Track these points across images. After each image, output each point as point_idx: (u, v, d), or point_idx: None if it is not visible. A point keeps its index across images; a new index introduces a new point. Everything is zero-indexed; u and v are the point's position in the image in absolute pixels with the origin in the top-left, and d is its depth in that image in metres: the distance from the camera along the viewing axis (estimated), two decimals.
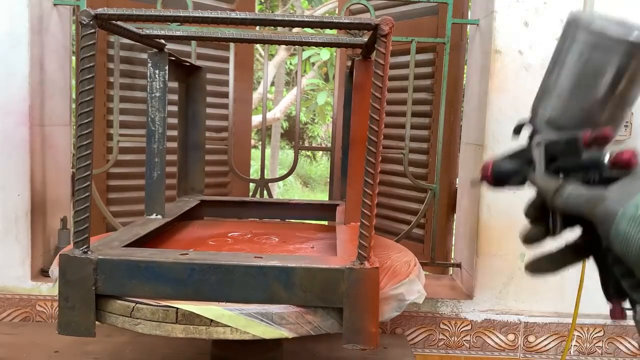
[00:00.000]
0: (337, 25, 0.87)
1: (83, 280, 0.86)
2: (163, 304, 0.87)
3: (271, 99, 8.58)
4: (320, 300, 0.87)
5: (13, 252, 1.52)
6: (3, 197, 1.50)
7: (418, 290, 1.01)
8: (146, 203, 1.22)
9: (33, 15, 1.50)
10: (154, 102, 1.17)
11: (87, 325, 0.87)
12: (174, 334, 0.86)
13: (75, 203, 0.85)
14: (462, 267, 1.69)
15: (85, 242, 0.87)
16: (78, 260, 0.86)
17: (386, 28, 0.82)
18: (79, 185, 0.85)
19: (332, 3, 7.41)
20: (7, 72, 1.48)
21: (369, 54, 1.21)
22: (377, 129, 0.85)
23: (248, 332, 0.85)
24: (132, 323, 0.87)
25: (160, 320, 0.86)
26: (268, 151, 8.54)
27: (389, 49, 0.83)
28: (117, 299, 0.88)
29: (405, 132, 1.66)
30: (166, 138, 1.19)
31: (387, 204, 1.88)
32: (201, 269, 0.87)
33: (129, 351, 1.39)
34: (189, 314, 0.85)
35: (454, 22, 1.62)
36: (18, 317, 1.56)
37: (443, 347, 1.58)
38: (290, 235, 1.30)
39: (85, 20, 0.83)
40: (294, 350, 1.41)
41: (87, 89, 0.85)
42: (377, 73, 0.83)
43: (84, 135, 0.84)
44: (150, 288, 0.88)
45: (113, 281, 0.87)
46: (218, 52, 1.86)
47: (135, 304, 0.87)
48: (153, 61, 1.17)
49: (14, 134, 1.49)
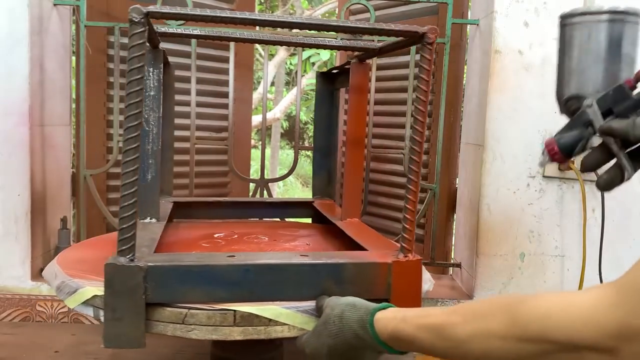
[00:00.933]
0: (385, 32, 0.90)
1: (132, 289, 0.82)
2: (219, 308, 0.85)
3: (271, 99, 8.59)
4: (368, 293, 0.89)
5: (13, 252, 1.52)
6: (3, 197, 1.50)
7: (429, 279, 1.06)
8: (140, 206, 1.14)
9: (33, 15, 1.50)
10: (148, 101, 1.13)
11: (137, 336, 0.83)
12: (231, 337, 0.85)
13: (122, 209, 0.81)
14: (462, 267, 1.69)
15: (131, 250, 0.83)
16: (127, 269, 0.82)
17: (432, 37, 0.89)
18: (125, 191, 0.81)
19: (332, 3, 7.41)
20: (7, 72, 1.48)
21: (369, 57, 1.22)
22: (422, 130, 0.92)
23: (304, 328, 0.86)
24: (184, 330, 0.84)
25: (218, 324, 0.84)
26: (268, 151, 8.54)
27: (433, 56, 0.91)
28: (167, 306, 0.85)
29: (405, 132, 1.67)
30: (160, 138, 1.16)
31: (387, 204, 1.88)
32: (255, 270, 0.87)
33: (128, 351, 1.38)
34: (248, 315, 0.85)
35: (454, 22, 1.62)
36: (18, 317, 1.56)
37: None
38: (276, 234, 1.30)
39: (136, 17, 0.78)
40: (294, 350, 1.41)
41: (135, 90, 0.80)
42: (422, 77, 0.91)
43: (132, 138, 0.81)
44: (204, 292, 0.85)
45: (163, 288, 0.84)
46: (218, 52, 1.86)
47: (188, 310, 0.84)
48: (147, 59, 1.10)
49: (14, 134, 1.49)
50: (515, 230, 1.52)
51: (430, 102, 1.78)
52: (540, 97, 1.49)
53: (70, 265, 1.01)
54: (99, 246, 1.19)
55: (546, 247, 1.53)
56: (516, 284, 1.54)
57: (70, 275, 0.95)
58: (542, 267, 1.53)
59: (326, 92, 1.49)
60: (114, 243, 1.22)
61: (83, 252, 1.13)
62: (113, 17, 1.69)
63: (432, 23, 1.74)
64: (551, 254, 1.53)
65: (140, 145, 1.09)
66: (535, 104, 1.49)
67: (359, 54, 1.22)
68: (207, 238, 1.23)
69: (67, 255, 1.09)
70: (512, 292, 1.54)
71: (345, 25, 0.90)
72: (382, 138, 1.84)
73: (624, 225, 1.51)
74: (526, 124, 1.50)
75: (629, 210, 1.51)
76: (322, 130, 1.50)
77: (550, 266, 1.53)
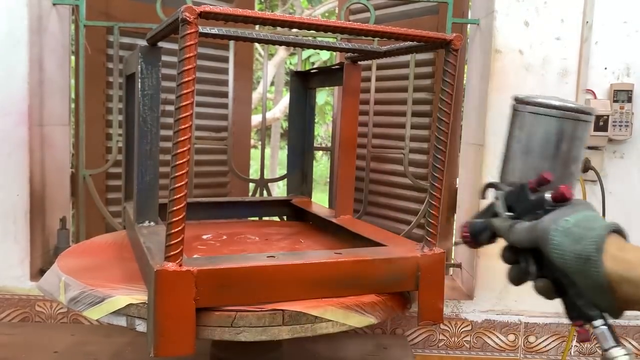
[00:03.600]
0: (412, 37, 0.93)
1: (184, 295, 0.81)
2: (269, 308, 0.85)
3: (271, 99, 8.58)
4: (398, 286, 0.97)
5: (12, 252, 1.52)
6: (2, 197, 1.50)
7: None
8: (137, 210, 1.11)
9: (32, 15, 1.50)
10: (146, 100, 1.09)
11: (189, 343, 0.82)
12: (280, 336, 0.86)
13: (170, 214, 0.79)
14: (462, 267, 1.69)
15: (180, 255, 0.82)
16: (179, 274, 0.81)
17: (458, 43, 0.93)
18: (174, 196, 0.79)
19: (332, 3, 7.41)
20: (7, 72, 1.48)
21: (364, 59, 1.24)
22: (447, 131, 0.97)
23: (346, 323, 0.89)
24: (233, 333, 0.85)
25: (267, 324, 0.85)
26: (268, 151, 8.54)
27: (457, 62, 0.94)
28: (215, 310, 0.84)
29: (405, 132, 1.66)
30: (159, 139, 1.12)
31: (387, 204, 1.88)
32: (298, 269, 0.89)
33: (128, 351, 1.38)
34: (296, 314, 0.86)
35: (454, 21, 1.61)
36: (17, 317, 1.55)
37: (443, 348, 1.58)
38: (263, 233, 1.31)
39: (190, 17, 0.76)
40: (294, 350, 1.41)
41: (185, 93, 0.78)
42: (447, 82, 0.94)
43: (181, 141, 0.79)
44: (249, 294, 0.86)
45: (212, 292, 0.84)
46: (218, 52, 1.86)
47: (237, 313, 0.85)
48: (146, 57, 1.07)
49: (13, 134, 1.49)
50: None
51: (430, 102, 1.78)
52: None
53: (82, 274, 0.97)
54: (97, 251, 1.17)
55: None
56: None
57: (90, 285, 0.91)
58: None
59: (301, 92, 1.51)
60: (109, 246, 1.19)
61: (85, 259, 1.10)
62: (112, 16, 1.69)
63: (432, 23, 1.75)
64: None
65: (137, 146, 1.07)
66: None
67: (352, 55, 1.24)
68: (197, 240, 1.22)
69: (70, 263, 1.05)
70: (513, 293, 1.54)
71: (377, 30, 0.91)
72: (382, 138, 1.84)
73: (625, 225, 1.51)
74: None
75: (630, 210, 1.51)
76: (296, 130, 1.53)
77: None
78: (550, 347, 1.57)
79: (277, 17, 0.83)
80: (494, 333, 1.57)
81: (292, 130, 1.53)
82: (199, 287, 0.82)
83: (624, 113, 1.47)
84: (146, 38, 1.05)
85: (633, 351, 1.64)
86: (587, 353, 1.57)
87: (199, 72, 1.72)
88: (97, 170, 1.63)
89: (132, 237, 1.13)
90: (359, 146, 1.90)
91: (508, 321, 1.56)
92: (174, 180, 0.78)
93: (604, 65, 1.48)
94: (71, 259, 1.09)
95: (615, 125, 1.47)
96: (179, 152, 0.78)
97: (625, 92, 1.47)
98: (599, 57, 1.48)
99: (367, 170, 1.74)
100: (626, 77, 1.49)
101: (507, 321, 1.56)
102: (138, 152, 1.09)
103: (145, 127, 1.09)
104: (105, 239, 1.26)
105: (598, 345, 0.69)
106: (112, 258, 1.12)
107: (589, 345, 1.56)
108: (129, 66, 1.20)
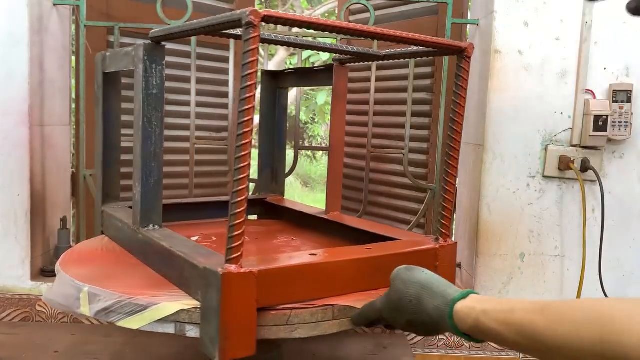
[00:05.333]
0: (427, 44, 0.97)
1: (246, 297, 0.82)
2: (320, 305, 0.89)
3: None
4: None
5: (13, 252, 1.52)
6: (3, 197, 1.50)
7: None
8: (142, 214, 1.07)
9: (33, 15, 1.50)
10: (150, 100, 1.05)
11: (251, 344, 0.83)
12: (330, 331, 0.90)
13: (232, 217, 0.80)
14: (462, 267, 1.69)
15: (241, 257, 0.82)
16: (243, 276, 0.82)
17: (472, 52, 1.01)
18: (236, 199, 0.79)
19: (332, 3, 7.41)
20: (7, 72, 1.48)
21: (354, 62, 1.27)
22: (459, 130, 1.07)
23: None
24: (288, 330, 0.87)
25: (320, 320, 0.88)
26: None
27: (469, 68, 1.02)
28: (271, 309, 0.86)
29: (405, 132, 1.66)
30: (164, 139, 1.09)
31: (387, 204, 1.88)
32: (341, 266, 0.94)
33: (128, 351, 1.38)
34: (344, 308, 0.90)
35: (454, 22, 1.62)
36: (18, 317, 1.55)
37: (443, 347, 1.58)
38: (250, 233, 1.32)
39: (254, 21, 0.76)
40: (294, 350, 1.41)
41: (247, 97, 0.80)
42: (460, 86, 1.02)
43: (243, 145, 0.80)
44: (303, 292, 0.89)
45: (269, 292, 0.85)
46: (218, 52, 1.86)
47: (291, 310, 0.87)
48: (150, 55, 1.03)
49: (14, 134, 1.49)
50: (515, 230, 1.52)
51: (430, 102, 1.78)
52: (540, 97, 1.49)
53: (105, 283, 0.93)
54: (95, 258, 1.11)
55: (546, 247, 1.53)
56: (516, 284, 1.54)
57: (126, 293, 0.88)
58: (542, 267, 1.53)
59: (271, 91, 1.52)
60: (102, 253, 1.14)
61: (91, 267, 1.03)
62: (113, 17, 1.69)
63: (432, 23, 1.75)
64: (551, 254, 1.53)
65: (142, 147, 1.05)
66: (535, 104, 1.49)
67: (340, 57, 1.27)
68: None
69: (82, 273, 0.99)
70: (512, 292, 1.54)
71: (396, 35, 0.93)
72: (382, 138, 1.84)
73: (624, 225, 1.51)
74: (526, 124, 1.50)
75: (629, 210, 1.51)
76: (266, 129, 1.53)
77: (550, 266, 1.53)
78: None
79: (335, 23, 0.86)
80: None
81: (263, 129, 1.54)
82: (259, 287, 0.83)
83: (623, 113, 1.47)
84: (152, 35, 1.02)
85: None
86: None
87: (200, 72, 1.74)
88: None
89: (136, 241, 1.09)
90: (359, 146, 1.91)
91: None
92: (237, 183, 0.80)
93: (604, 65, 1.49)
94: (78, 268, 1.03)
95: (614, 125, 1.47)
96: (241, 155, 0.79)
97: (625, 92, 1.47)
98: (598, 57, 1.48)
99: (367, 170, 1.74)
100: (625, 78, 1.49)
101: None
102: (142, 153, 1.05)
103: (149, 127, 1.05)
104: (91, 246, 1.20)
105: None
106: (118, 264, 1.07)
107: None
108: (112, 63, 1.17)
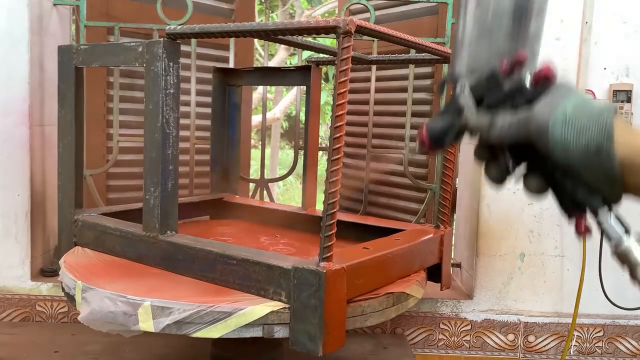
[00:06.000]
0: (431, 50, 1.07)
1: (341, 292, 0.87)
2: (383, 293, 0.96)
3: (271, 99, 8.58)
4: (427, 262, 1.17)
5: (13, 252, 1.52)
6: (3, 197, 1.50)
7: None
8: (161, 219, 1.00)
9: (33, 15, 1.50)
10: (168, 100, 0.97)
11: (342, 336, 0.88)
12: (390, 316, 0.98)
13: (327, 217, 0.84)
14: (462, 267, 1.69)
15: (332, 255, 0.86)
16: (338, 273, 0.86)
17: None
18: (330, 200, 0.84)
19: (332, 3, 7.41)
20: (7, 72, 1.48)
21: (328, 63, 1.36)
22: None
23: (417, 296, 1.05)
24: (362, 320, 0.93)
25: (384, 307, 0.95)
26: (268, 151, 8.54)
27: None
28: (350, 302, 0.90)
29: (405, 132, 1.66)
30: (179, 141, 1.03)
31: (387, 204, 1.88)
32: (389, 257, 1.01)
33: (128, 351, 1.38)
34: (399, 294, 0.99)
35: (454, 22, 1.62)
36: (18, 317, 1.56)
37: (443, 347, 1.58)
38: (235, 234, 1.34)
39: (352, 29, 0.81)
40: (294, 350, 1.41)
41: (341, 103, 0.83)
42: None
43: (337, 148, 0.83)
44: (370, 283, 0.95)
45: (351, 286, 0.89)
46: (218, 52, 1.86)
47: (365, 301, 0.92)
48: (169, 52, 0.96)
49: (14, 134, 1.49)
50: (515, 230, 1.52)
51: (430, 102, 1.78)
52: None
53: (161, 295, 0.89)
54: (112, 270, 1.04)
55: (546, 247, 1.53)
56: (516, 284, 1.54)
57: (201, 302, 0.86)
58: (542, 267, 1.53)
59: (221, 88, 1.54)
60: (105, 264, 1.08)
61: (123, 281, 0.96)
62: (113, 17, 1.69)
63: (432, 23, 1.75)
64: (551, 254, 1.53)
65: (163, 149, 1.00)
66: None
67: (317, 59, 1.36)
68: None
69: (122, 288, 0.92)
70: (512, 292, 1.54)
71: (410, 40, 1.00)
72: (382, 138, 1.84)
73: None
74: None
75: (629, 210, 1.51)
76: (217, 127, 1.54)
77: (550, 266, 1.53)
78: (550, 346, 1.57)
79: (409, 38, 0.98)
80: (493, 333, 1.57)
81: (214, 127, 1.55)
82: (347, 282, 0.88)
83: (623, 113, 1.47)
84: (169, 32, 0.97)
85: (633, 352, 1.64)
86: (586, 352, 1.57)
87: (200, 72, 1.74)
88: (98, 171, 1.63)
89: (156, 249, 1.03)
90: (359, 146, 1.91)
91: (507, 321, 1.56)
92: (331, 185, 0.84)
93: (603, 65, 1.49)
94: (110, 283, 0.95)
95: None
96: (335, 158, 0.84)
97: (625, 92, 1.47)
98: (598, 57, 1.48)
99: (367, 170, 1.74)
100: (625, 78, 1.49)
101: (507, 321, 1.56)
102: (161, 156, 0.99)
103: (167, 129, 0.99)
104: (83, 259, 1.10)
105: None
106: (143, 276, 1.01)
107: (589, 345, 1.56)
108: (98, 58, 1.10)
